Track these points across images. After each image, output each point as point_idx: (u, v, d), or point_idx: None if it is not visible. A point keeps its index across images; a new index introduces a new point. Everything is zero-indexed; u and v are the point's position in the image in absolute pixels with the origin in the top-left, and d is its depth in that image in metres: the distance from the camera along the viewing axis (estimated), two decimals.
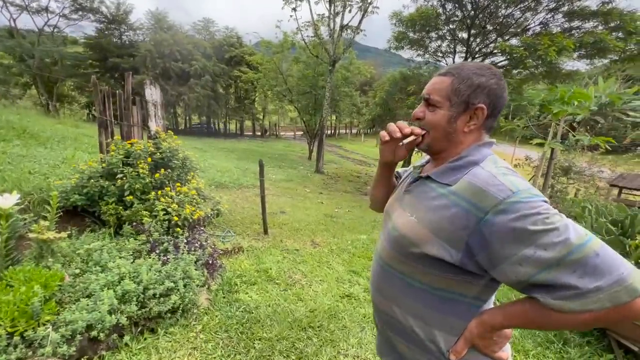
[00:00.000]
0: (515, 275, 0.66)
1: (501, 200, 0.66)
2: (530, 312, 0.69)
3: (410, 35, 9.99)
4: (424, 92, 0.86)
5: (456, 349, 0.79)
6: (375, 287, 0.98)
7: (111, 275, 2.13)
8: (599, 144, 6.45)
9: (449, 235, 0.73)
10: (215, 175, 7.73)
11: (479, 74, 0.80)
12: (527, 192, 0.66)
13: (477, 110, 0.80)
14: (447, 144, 0.84)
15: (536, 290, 0.65)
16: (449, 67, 0.86)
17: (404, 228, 0.83)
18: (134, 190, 2.97)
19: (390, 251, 0.89)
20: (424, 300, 0.82)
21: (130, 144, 3.17)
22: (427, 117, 0.85)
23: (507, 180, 0.69)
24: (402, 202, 0.92)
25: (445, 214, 0.74)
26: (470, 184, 0.73)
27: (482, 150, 0.81)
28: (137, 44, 22.95)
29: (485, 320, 0.77)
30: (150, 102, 3.34)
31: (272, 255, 3.68)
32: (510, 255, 0.64)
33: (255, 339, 2.19)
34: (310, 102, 16.14)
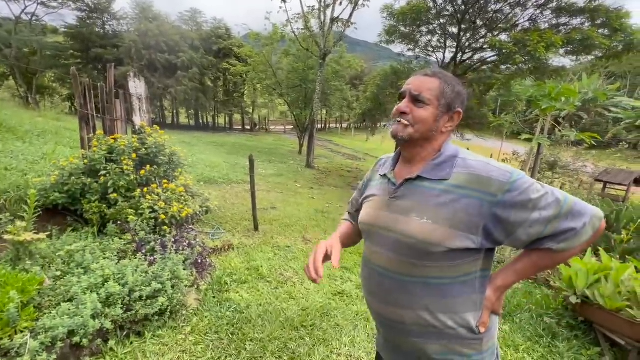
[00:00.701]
0: (527, 237, 0.80)
1: (506, 182, 0.79)
2: (539, 260, 0.85)
3: (401, 29, 9.92)
4: (413, 88, 0.89)
5: (483, 320, 0.88)
6: (382, 301, 0.96)
7: (94, 277, 2.04)
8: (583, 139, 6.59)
9: (468, 224, 0.81)
10: (204, 171, 7.58)
11: (457, 83, 0.92)
12: (516, 171, 0.81)
13: (456, 114, 0.92)
14: (426, 140, 0.91)
15: (544, 241, 0.80)
16: (432, 70, 0.92)
17: (422, 233, 0.84)
18: (118, 187, 2.85)
19: (403, 260, 0.88)
20: (450, 291, 0.86)
21: (114, 139, 3.04)
22: (416, 112, 0.89)
23: (500, 165, 0.83)
24: (396, 209, 0.91)
25: (458, 207, 0.81)
26: (473, 175, 0.82)
27: (451, 145, 0.93)
28: (121, 34, 22.14)
29: (500, 284, 0.89)
30: (135, 96, 3.20)
31: (263, 253, 3.63)
32: (522, 222, 0.78)
33: (246, 340, 2.14)
34: (300, 96, 15.94)
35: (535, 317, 2.76)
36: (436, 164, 0.89)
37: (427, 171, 0.89)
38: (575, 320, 2.63)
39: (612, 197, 7.06)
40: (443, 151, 0.90)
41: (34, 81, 18.78)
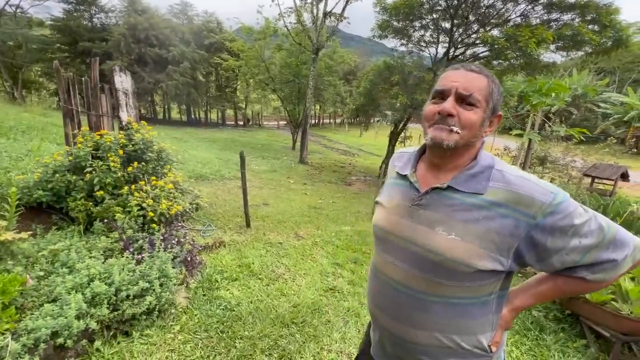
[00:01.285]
0: (560, 264, 0.75)
1: (549, 204, 0.71)
2: (566, 287, 0.81)
3: (394, 23, 9.87)
4: (459, 86, 0.77)
5: (496, 340, 0.85)
6: (394, 318, 0.88)
7: (79, 276, 2.00)
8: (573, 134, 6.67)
9: (499, 245, 0.74)
10: (195, 167, 7.50)
11: (499, 83, 0.82)
12: (560, 192, 0.73)
13: (497, 117, 0.83)
14: (466, 148, 0.81)
15: (578, 270, 0.75)
16: (477, 66, 0.81)
17: (450, 250, 0.76)
18: (104, 185, 2.79)
19: (425, 277, 0.81)
20: (469, 312, 0.81)
21: (100, 135, 2.97)
22: (464, 115, 0.77)
23: (541, 183, 0.75)
24: (420, 219, 0.82)
25: (492, 226, 0.74)
26: (512, 192, 0.74)
27: (486, 153, 0.84)
28: (109, 27, 21.65)
29: (518, 305, 0.86)
30: (121, 90, 3.12)
31: (255, 249, 3.61)
32: (560, 249, 0.72)
33: (236, 338, 2.13)
34: (293, 91, 15.84)
35: (523, 311, 2.80)
36: (471, 174, 0.79)
37: (460, 182, 0.79)
38: (562, 314, 2.68)
39: (600, 192, 7.18)
40: (479, 160, 0.80)
41: (20, 76, 18.29)
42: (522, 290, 0.87)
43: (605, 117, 22.48)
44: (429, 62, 10.56)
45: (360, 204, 7.22)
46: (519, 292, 0.87)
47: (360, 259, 3.70)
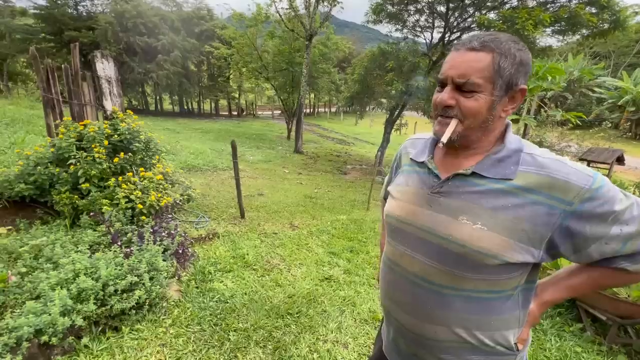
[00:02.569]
0: (599, 254, 0.68)
1: (587, 189, 0.64)
2: (603, 279, 0.74)
3: (388, 7, 9.62)
4: (454, 73, 0.69)
5: (523, 337, 0.79)
6: (411, 313, 0.82)
7: (64, 272, 1.93)
8: (569, 119, 6.62)
9: (530, 235, 0.67)
10: (187, 158, 7.37)
11: (519, 48, 0.69)
12: (599, 175, 0.66)
13: (519, 92, 0.71)
14: (481, 132, 0.73)
15: (618, 260, 0.68)
16: (480, 38, 0.69)
17: (476, 241, 0.69)
18: (90, 176, 2.69)
19: (446, 270, 0.74)
20: (494, 307, 0.74)
21: (83, 125, 2.85)
22: (464, 104, 0.70)
23: (578, 166, 0.68)
24: (441, 207, 0.75)
25: (522, 214, 0.67)
26: (545, 176, 0.67)
27: (513, 135, 0.76)
28: (95, 15, 20.95)
29: (548, 299, 0.79)
30: (103, 78, 2.98)
31: (249, 240, 3.55)
32: (599, 237, 0.66)
33: (230, 330, 2.08)
34: (287, 79, 15.54)
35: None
36: (497, 159, 0.72)
37: (485, 167, 0.72)
38: None
39: None
40: (506, 143, 0.73)
41: (4, 67, 17.75)
42: (552, 283, 0.80)
43: (600, 102, 22.54)
44: (425, 48, 10.36)
45: (356, 192, 7.17)
46: (549, 285, 0.80)
47: (356, 248, 3.67)
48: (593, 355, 2.13)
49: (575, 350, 2.17)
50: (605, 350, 2.17)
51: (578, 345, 2.22)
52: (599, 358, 2.11)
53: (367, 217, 5.05)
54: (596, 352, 2.17)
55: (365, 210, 5.59)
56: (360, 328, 2.27)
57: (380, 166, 10.39)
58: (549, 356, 2.12)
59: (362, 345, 2.10)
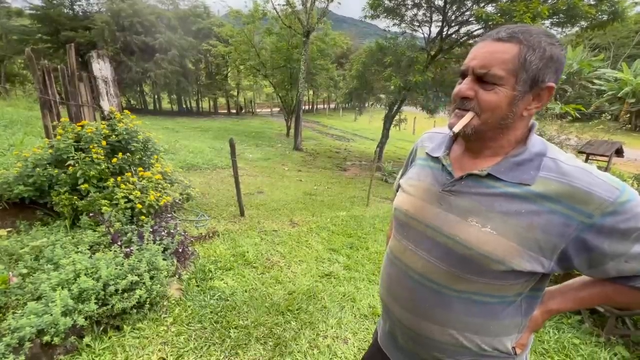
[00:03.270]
0: (617, 272, 0.64)
1: (611, 202, 0.60)
2: (617, 296, 0.70)
3: (385, 2, 9.57)
4: (475, 64, 0.66)
5: (522, 342, 0.77)
6: (409, 310, 0.81)
7: (65, 272, 1.94)
8: (568, 111, 6.61)
9: (542, 245, 0.64)
10: (187, 157, 7.37)
11: (551, 43, 0.64)
12: (628, 189, 0.61)
13: (545, 90, 0.66)
14: (499, 130, 0.69)
15: (636, 280, 0.64)
16: (508, 29, 0.65)
17: (483, 244, 0.67)
18: (89, 177, 2.70)
19: (449, 270, 0.72)
20: (494, 312, 0.72)
21: (81, 126, 2.85)
22: (483, 96, 0.66)
23: (603, 175, 0.63)
24: (451, 207, 0.73)
25: (537, 221, 0.63)
26: (567, 185, 0.62)
27: (536, 137, 0.71)
28: (92, 15, 20.84)
29: (553, 308, 0.77)
30: (100, 78, 2.98)
31: (249, 238, 3.56)
32: (619, 255, 0.62)
33: (230, 328, 2.10)
34: (285, 76, 15.48)
35: None
36: (517, 162, 0.68)
37: (502, 170, 0.68)
38: None
39: None
40: (528, 146, 0.69)
41: (2, 68, 17.69)
42: (560, 293, 0.77)
43: (600, 94, 22.47)
44: (423, 43, 10.31)
45: (356, 188, 7.18)
46: (557, 294, 0.77)
47: (356, 244, 3.68)
48: (591, 347, 2.15)
49: (574, 342, 2.19)
50: (603, 342, 2.19)
51: (576, 337, 2.24)
52: (597, 349, 2.13)
53: (367, 213, 5.06)
54: (594, 344, 2.18)
55: (364, 206, 5.60)
56: (360, 323, 2.29)
57: (380, 162, 10.39)
58: (547, 348, 2.13)
59: (362, 341, 2.12)
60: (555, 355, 2.07)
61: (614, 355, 2.09)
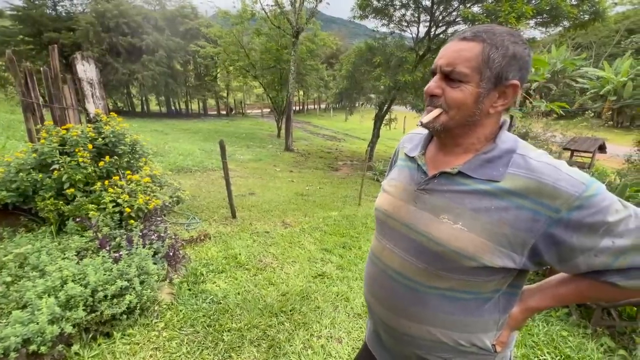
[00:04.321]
0: (587, 266, 0.64)
1: (577, 197, 0.61)
2: (591, 292, 0.70)
3: (374, 2, 9.63)
4: (442, 62, 0.68)
5: (502, 339, 0.77)
6: (388, 308, 0.82)
7: (52, 279, 1.89)
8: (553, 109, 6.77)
9: (512, 240, 0.65)
10: (176, 159, 7.28)
11: (514, 41, 0.66)
12: (595, 183, 0.62)
13: (510, 87, 0.68)
14: (467, 127, 0.71)
15: (608, 274, 0.64)
16: (473, 29, 0.68)
17: (454, 241, 0.68)
18: (75, 181, 2.64)
19: (424, 268, 0.74)
20: (471, 309, 0.73)
21: (66, 129, 2.78)
22: (449, 94, 0.69)
23: (570, 171, 0.64)
24: (424, 205, 0.75)
25: (505, 217, 0.65)
26: (534, 180, 0.64)
27: (508, 135, 0.72)
28: (75, 15, 20.39)
29: (532, 306, 0.76)
30: (85, 80, 2.91)
31: (241, 240, 3.54)
32: (587, 249, 0.62)
33: (223, 331, 2.08)
34: (275, 77, 15.43)
35: None
36: (486, 159, 0.70)
37: (472, 167, 0.70)
38: None
39: (579, 164, 7.39)
40: (497, 143, 0.70)
41: None
42: (539, 290, 0.78)
43: (583, 92, 23.06)
44: (411, 42, 10.41)
45: (348, 188, 7.20)
46: (536, 292, 0.78)
47: (348, 244, 3.69)
48: (579, 339, 2.20)
49: (562, 334, 2.24)
50: (590, 333, 2.25)
51: (564, 330, 2.29)
52: (585, 341, 2.18)
53: (359, 212, 5.08)
54: (582, 335, 2.24)
55: (356, 205, 5.62)
56: (353, 323, 2.30)
57: (371, 161, 10.44)
58: (536, 341, 2.18)
59: (356, 340, 2.12)
60: (545, 348, 2.11)
61: (600, 345, 2.14)
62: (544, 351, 2.09)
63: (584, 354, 2.06)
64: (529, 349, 2.11)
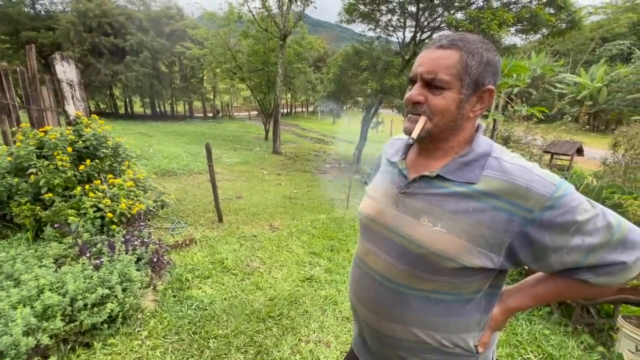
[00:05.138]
0: (560, 265, 0.67)
1: (548, 197, 0.63)
2: (567, 290, 0.73)
3: (360, 7, 9.74)
4: (423, 70, 0.70)
5: (484, 340, 0.79)
6: (373, 311, 0.83)
7: (27, 289, 1.81)
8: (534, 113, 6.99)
9: (489, 240, 0.67)
10: (161, 162, 7.13)
11: (486, 49, 0.70)
12: (564, 184, 0.65)
13: (486, 92, 0.71)
14: (449, 132, 0.73)
15: (580, 272, 0.67)
16: (448, 37, 0.70)
17: (435, 243, 0.69)
18: (53, 186, 2.54)
19: (407, 270, 0.74)
20: (453, 310, 0.75)
21: (44, 132, 2.68)
22: (433, 101, 0.70)
23: (542, 172, 0.66)
24: (406, 208, 0.76)
25: (482, 219, 0.67)
26: (508, 182, 0.66)
27: (483, 139, 0.75)
28: (55, 14, 19.79)
29: (512, 306, 0.78)
30: (65, 81, 2.82)
31: (228, 244, 3.49)
32: (559, 247, 0.64)
33: (209, 338, 2.04)
34: (263, 79, 15.37)
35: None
36: (463, 162, 0.72)
37: (450, 171, 0.72)
38: None
39: (558, 167, 7.65)
40: (474, 146, 0.73)
41: None
42: (517, 290, 0.80)
43: (561, 96, 23.95)
44: (397, 47, 10.57)
45: (336, 191, 7.21)
46: (514, 292, 0.80)
47: (336, 246, 3.69)
48: (560, 337, 2.26)
49: (544, 332, 2.30)
50: (571, 331, 2.32)
51: (547, 328, 2.35)
52: (566, 339, 2.24)
53: (347, 215, 5.09)
54: (563, 333, 2.30)
55: (344, 208, 5.63)
56: (342, 326, 2.29)
57: (359, 164, 10.51)
58: (520, 340, 2.23)
59: (344, 343, 2.12)
60: (528, 347, 2.16)
61: (580, 343, 2.21)
62: (527, 350, 2.13)
63: (565, 352, 2.12)
64: (513, 348, 2.15)
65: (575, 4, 7.90)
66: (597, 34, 28.98)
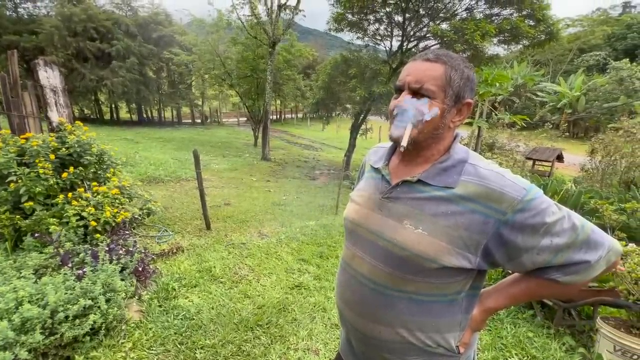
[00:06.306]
0: (532, 264, 0.71)
1: (519, 200, 0.68)
2: (539, 289, 0.79)
3: (349, 17, 9.92)
4: (411, 79, 0.75)
5: (465, 341, 0.82)
6: (358, 313, 0.85)
7: (5, 301, 1.75)
8: (516, 121, 7.21)
9: (467, 241, 0.71)
10: (148, 169, 7.01)
11: (466, 66, 0.76)
12: (534, 188, 0.70)
13: (465, 105, 0.77)
14: (432, 140, 0.78)
15: (549, 271, 0.72)
16: (434, 52, 0.76)
17: (416, 245, 0.73)
18: (34, 194, 2.47)
19: (391, 272, 0.78)
20: (435, 310, 0.78)
21: (25, 139, 2.62)
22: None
23: (513, 178, 0.71)
24: (389, 212, 0.80)
25: (460, 221, 0.71)
26: (483, 186, 0.71)
27: (460, 147, 0.81)
28: (39, 18, 19.36)
29: (490, 306, 0.82)
30: (48, 87, 2.76)
31: (216, 252, 3.45)
32: (530, 247, 0.69)
33: (196, 348, 2.01)
34: (252, 86, 15.37)
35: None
36: (442, 168, 0.76)
37: (430, 176, 0.76)
38: None
39: (540, 173, 7.89)
40: (452, 153, 0.78)
41: None
42: (495, 291, 0.84)
43: (543, 105, 24.78)
44: (385, 55, 10.78)
45: (325, 197, 7.23)
46: (492, 293, 0.84)
47: (325, 253, 3.70)
48: (543, 339, 2.32)
49: (528, 335, 2.35)
50: (553, 333, 2.38)
51: (530, 331, 2.40)
52: (548, 341, 2.30)
53: (336, 221, 5.11)
54: (546, 336, 2.36)
55: (334, 214, 5.65)
56: (331, 333, 2.29)
57: (348, 170, 10.58)
58: (505, 343, 2.27)
59: (333, 351, 2.11)
60: (513, 349, 2.21)
61: (562, 345, 2.27)
62: (512, 352, 2.18)
63: (548, 354, 2.17)
64: (499, 352, 2.19)
65: (553, 16, 8.26)
66: (574, 45, 30.27)
